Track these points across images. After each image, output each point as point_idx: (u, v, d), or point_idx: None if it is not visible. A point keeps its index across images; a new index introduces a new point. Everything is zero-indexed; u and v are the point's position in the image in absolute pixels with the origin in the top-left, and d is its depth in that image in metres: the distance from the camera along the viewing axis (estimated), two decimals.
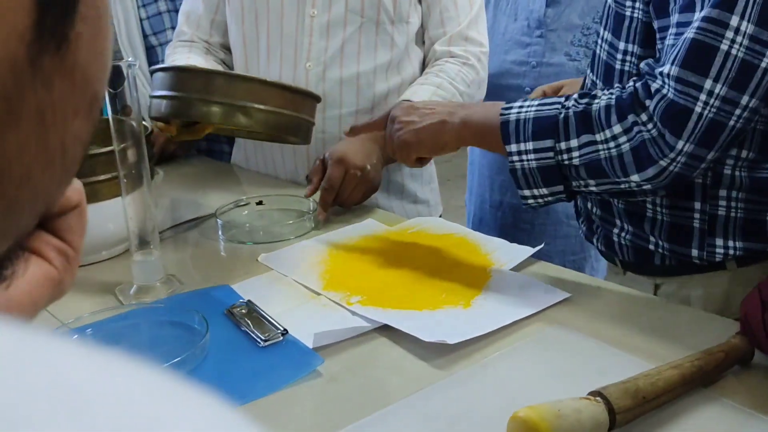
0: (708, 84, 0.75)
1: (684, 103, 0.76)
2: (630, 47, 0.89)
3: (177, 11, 1.48)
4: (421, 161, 0.99)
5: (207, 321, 0.78)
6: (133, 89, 0.84)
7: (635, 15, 0.87)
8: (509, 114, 0.87)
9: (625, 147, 0.80)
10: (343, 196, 1.12)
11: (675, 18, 0.80)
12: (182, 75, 1.01)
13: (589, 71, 1.00)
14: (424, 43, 1.32)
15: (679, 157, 0.78)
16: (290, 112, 1.03)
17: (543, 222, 1.56)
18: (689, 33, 0.76)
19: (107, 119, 0.86)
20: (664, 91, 0.77)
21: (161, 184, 1.34)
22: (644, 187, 0.82)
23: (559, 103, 0.85)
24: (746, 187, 0.86)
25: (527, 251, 0.97)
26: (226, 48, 1.36)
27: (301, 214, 1.14)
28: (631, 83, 0.82)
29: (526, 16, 1.51)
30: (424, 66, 1.32)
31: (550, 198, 0.88)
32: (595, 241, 1.02)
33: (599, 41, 0.95)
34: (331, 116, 1.27)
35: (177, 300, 0.87)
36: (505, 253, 0.98)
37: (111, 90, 0.83)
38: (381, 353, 0.77)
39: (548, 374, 0.72)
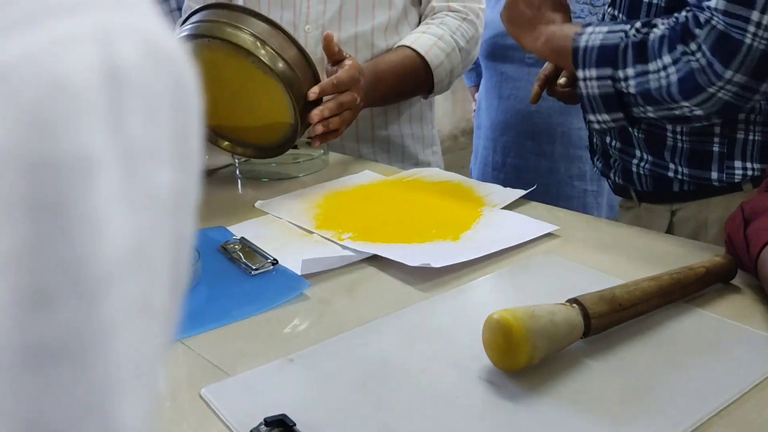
0: (755, 16, 0.77)
1: (733, 35, 0.78)
2: None
3: None
4: None
5: (199, 252, 0.80)
6: None
7: None
8: (580, 40, 0.92)
9: (673, 77, 0.83)
10: (341, 107, 1.06)
11: None
12: (222, 7, 1.05)
13: (608, 8, 1.04)
14: (420, 3, 1.32)
15: (729, 86, 0.80)
16: (301, 76, 1.04)
17: (546, 182, 1.57)
18: None
19: None
20: (713, 22, 0.79)
21: None
22: (696, 112, 0.85)
23: (623, 31, 0.89)
24: (764, 112, 0.90)
25: (519, 192, 0.98)
26: None
27: (311, 157, 1.17)
28: (683, 14, 0.85)
29: None
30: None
31: (612, 124, 0.93)
32: (612, 175, 1.08)
33: None
34: None
35: None
36: (498, 195, 0.99)
37: None
38: (368, 280, 0.79)
39: (530, 294, 0.73)
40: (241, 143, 1.13)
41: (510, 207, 0.96)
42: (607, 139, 1.05)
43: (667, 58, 0.84)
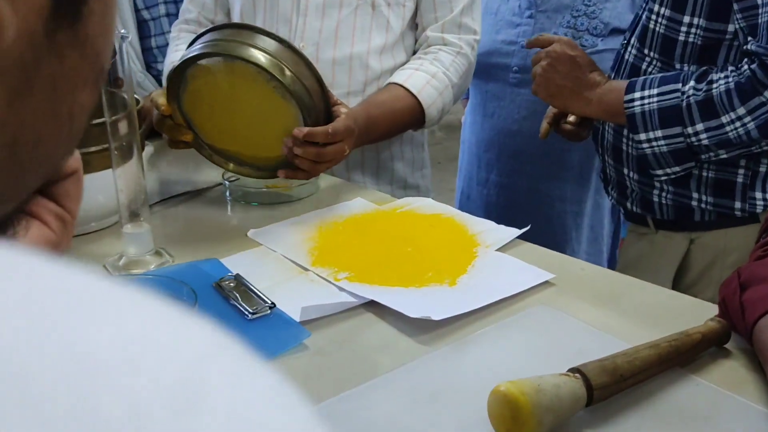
0: None
1: None
2: (696, 20, 0.99)
3: None
4: None
5: (195, 293, 0.79)
6: (125, 61, 0.84)
7: None
8: (633, 107, 0.99)
9: (751, 125, 0.92)
10: (325, 156, 1.04)
11: None
12: (242, 27, 1.04)
13: (632, 47, 1.10)
14: (417, 27, 1.31)
15: None
16: (316, 104, 1.03)
17: (527, 201, 1.58)
18: None
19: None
20: None
21: (152, 157, 1.34)
22: None
23: (677, 90, 0.96)
24: None
25: (513, 233, 0.99)
26: None
27: (304, 182, 1.15)
28: (745, 66, 0.92)
29: None
30: (414, 51, 1.32)
31: (681, 173, 1.02)
32: (629, 204, 1.14)
33: (652, 16, 1.05)
34: None
35: (166, 272, 0.88)
36: (491, 234, 0.99)
37: None
38: (367, 328, 0.79)
39: (530, 352, 0.74)
40: (242, 163, 1.13)
41: (504, 246, 0.96)
42: (624, 171, 1.08)
43: (741, 110, 0.91)
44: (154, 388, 0.15)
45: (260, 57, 1.00)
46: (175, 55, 1.24)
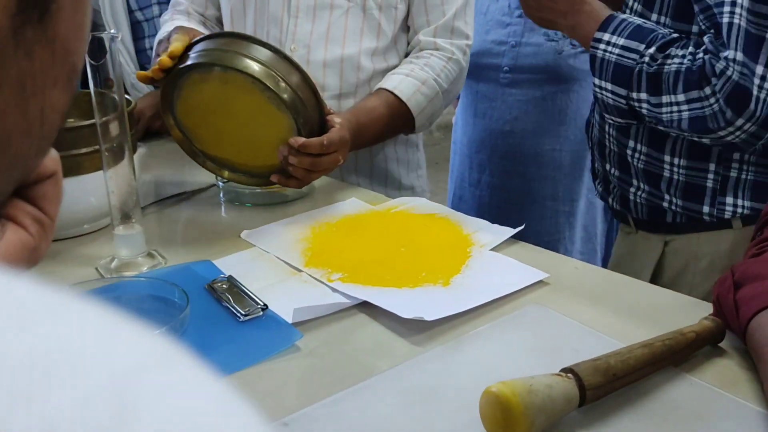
0: (759, 69, 0.83)
1: (745, 86, 0.84)
2: (662, 19, 0.98)
3: None
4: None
5: (187, 295, 0.78)
6: (115, 62, 0.84)
7: None
8: (597, 49, 0.97)
9: (685, 114, 0.89)
10: (319, 166, 1.04)
11: None
12: (230, 37, 1.03)
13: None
14: (408, 30, 1.31)
15: (739, 133, 0.87)
16: (311, 115, 1.02)
17: (520, 201, 1.58)
18: (742, 20, 0.84)
19: (89, 92, 0.86)
20: (729, 72, 0.84)
21: (146, 159, 1.34)
22: (703, 140, 0.93)
23: (638, 52, 0.94)
24: (759, 152, 0.96)
25: (507, 232, 0.98)
26: (221, 23, 1.35)
27: None
28: (700, 54, 0.89)
29: None
30: (406, 54, 1.30)
31: (624, 124, 1.01)
32: (610, 200, 1.13)
33: (626, 11, 1.04)
34: None
35: (158, 274, 0.88)
36: (485, 234, 0.99)
37: (93, 62, 0.82)
38: (360, 329, 0.78)
39: (523, 351, 0.74)
40: (235, 169, 1.12)
41: (498, 246, 0.96)
42: (607, 167, 1.09)
43: (681, 96, 0.89)
44: (75, 403, 0.14)
45: (255, 67, 0.99)
46: (170, 26, 1.23)
